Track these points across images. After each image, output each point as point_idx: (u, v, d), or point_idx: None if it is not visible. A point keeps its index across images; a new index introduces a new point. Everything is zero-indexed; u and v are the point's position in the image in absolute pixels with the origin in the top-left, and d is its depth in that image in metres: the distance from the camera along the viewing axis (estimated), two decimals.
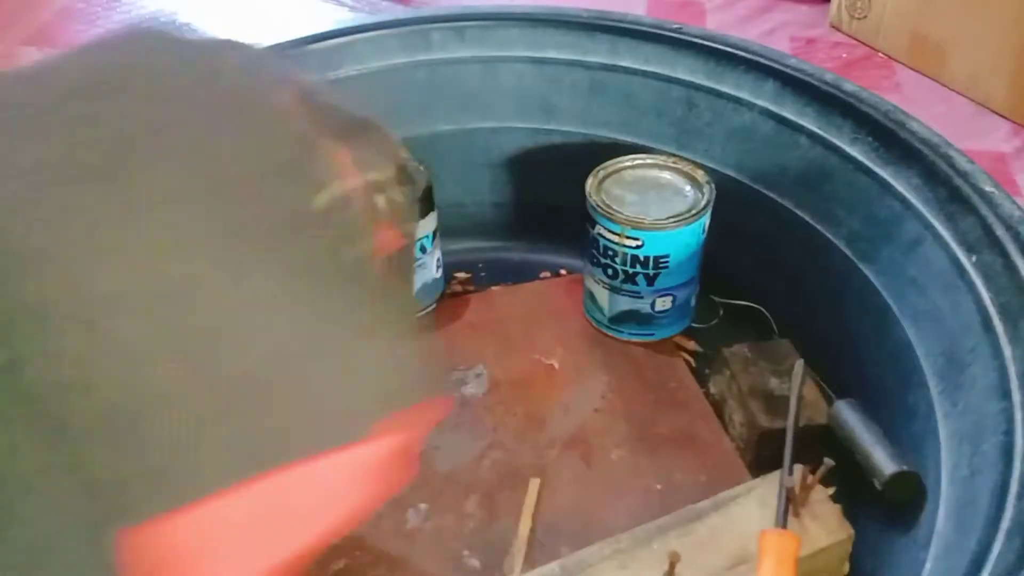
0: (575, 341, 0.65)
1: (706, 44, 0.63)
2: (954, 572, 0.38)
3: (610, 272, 0.61)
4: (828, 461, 0.46)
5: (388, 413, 0.30)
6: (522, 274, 0.72)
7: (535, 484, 0.55)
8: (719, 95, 0.63)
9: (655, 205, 0.59)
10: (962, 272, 0.48)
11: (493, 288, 0.71)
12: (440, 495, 0.55)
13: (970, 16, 0.95)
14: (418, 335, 0.35)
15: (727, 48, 0.63)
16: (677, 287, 0.61)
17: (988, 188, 0.49)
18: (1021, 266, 0.46)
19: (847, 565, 0.49)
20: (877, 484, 0.48)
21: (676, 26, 0.65)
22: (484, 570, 0.51)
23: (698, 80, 0.64)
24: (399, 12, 0.72)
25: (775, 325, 0.65)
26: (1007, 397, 0.42)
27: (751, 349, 0.59)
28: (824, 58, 1.07)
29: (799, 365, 0.52)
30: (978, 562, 0.37)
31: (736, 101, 0.63)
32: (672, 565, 0.44)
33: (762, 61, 0.61)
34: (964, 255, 0.49)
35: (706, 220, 0.59)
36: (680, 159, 0.62)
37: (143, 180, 0.28)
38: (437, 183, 0.62)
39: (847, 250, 0.58)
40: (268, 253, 0.29)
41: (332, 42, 0.66)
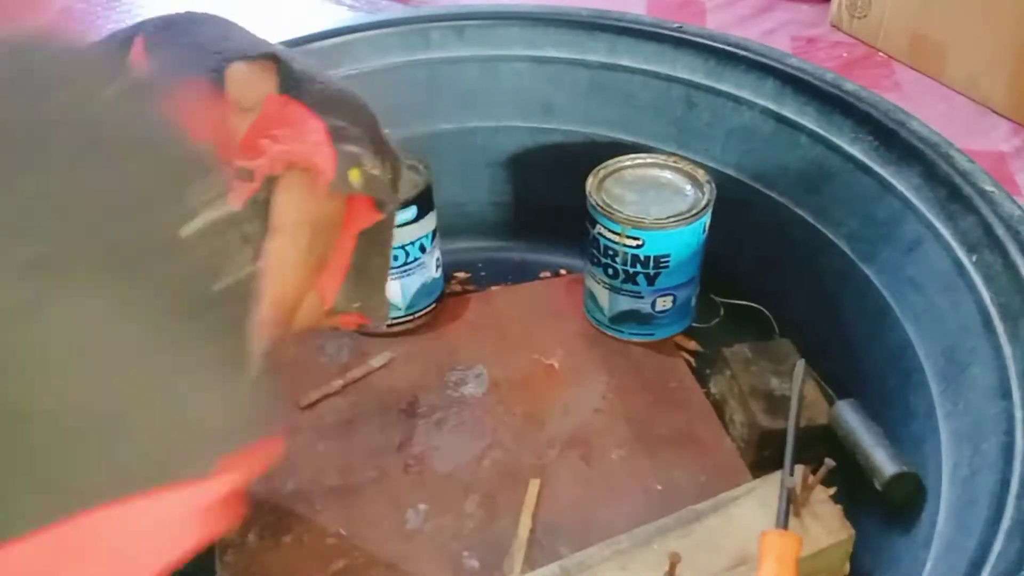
0: (575, 341, 0.65)
1: (706, 43, 0.63)
2: (954, 572, 0.38)
3: (610, 272, 0.60)
4: (829, 461, 0.46)
5: (216, 454, 0.29)
6: (522, 274, 0.72)
7: (535, 484, 0.55)
8: (719, 94, 0.63)
9: (655, 204, 0.59)
10: (962, 272, 0.48)
11: (493, 288, 0.70)
12: (440, 495, 0.55)
13: (970, 16, 0.95)
14: (268, 372, 0.33)
15: (727, 47, 0.63)
16: (677, 287, 0.61)
17: (988, 188, 0.49)
18: (1021, 266, 0.45)
19: (848, 565, 0.49)
20: (877, 484, 0.48)
21: (676, 25, 0.65)
22: (484, 570, 0.51)
23: (698, 79, 0.64)
24: (398, 11, 0.72)
25: (776, 325, 0.65)
26: (1007, 397, 0.42)
27: (752, 349, 0.59)
28: (824, 57, 1.07)
29: (800, 365, 0.52)
30: (978, 562, 0.37)
31: (736, 100, 0.63)
32: (672, 566, 0.44)
33: (762, 60, 0.61)
34: (964, 255, 0.49)
35: (706, 220, 0.59)
36: (680, 158, 0.62)
37: None
38: (437, 183, 0.62)
39: (847, 250, 0.58)
40: (112, 283, 0.28)
41: (331, 41, 0.66)
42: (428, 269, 0.64)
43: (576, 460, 0.57)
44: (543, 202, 0.72)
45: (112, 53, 0.34)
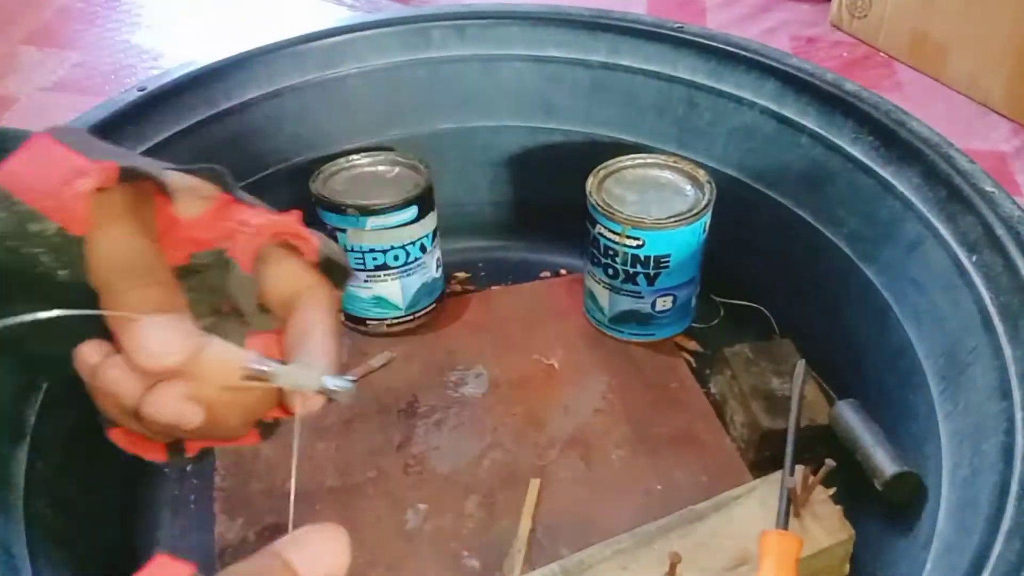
0: (575, 341, 0.65)
1: (707, 43, 0.63)
2: (954, 572, 0.38)
3: (610, 272, 0.60)
4: (829, 462, 0.46)
5: None
6: (522, 274, 0.72)
7: (535, 484, 0.55)
8: (720, 94, 0.63)
9: (656, 205, 0.59)
10: (962, 272, 0.48)
11: (493, 288, 0.70)
12: (440, 495, 0.55)
13: (970, 16, 0.95)
14: None
15: (728, 47, 0.63)
16: (678, 287, 0.61)
17: (988, 188, 0.49)
18: (1021, 266, 0.45)
19: (848, 565, 0.49)
20: (878, 484, 0.48)
21: (677, 25, 0.65)
22: (484, 570, 0.51)
23: (699, 79, 0.64)
24: (399, 10, 0.72)
25: (776, 325, 0.65)
26: (1007, 397, 0.42)
27: (752, 349, 0.59)
28: (824, 57, 1.07)
29: (800, 365, 0.52)
30: (978, 563, 0.37)
31: (737, 100, 0.63)
32: (673, 566, 0.44)
33: (763, 60, 0.61)
34: (964, 255, 0.49)
35: (707, 220, 0.59)
36: (681, 158, 0.62)
37: None
38: (437, 182, 0.62)
39: (848, 250, 0.58)
40: None
41: (332, 40, 0.66)
42: (428, 269, 0.64)
43: (576, 460, 0.57)
44: (543, 202, 0.72)
45: None
